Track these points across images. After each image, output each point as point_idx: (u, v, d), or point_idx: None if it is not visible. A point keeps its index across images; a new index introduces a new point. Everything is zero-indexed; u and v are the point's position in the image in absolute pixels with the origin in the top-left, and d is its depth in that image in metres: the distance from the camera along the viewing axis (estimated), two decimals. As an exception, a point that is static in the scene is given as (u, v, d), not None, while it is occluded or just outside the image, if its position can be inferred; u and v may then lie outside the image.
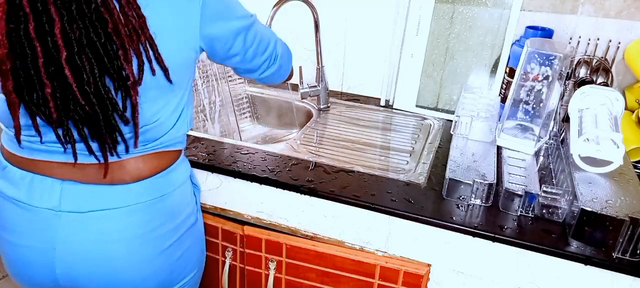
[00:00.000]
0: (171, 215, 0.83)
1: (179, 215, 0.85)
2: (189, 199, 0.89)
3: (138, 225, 0.79)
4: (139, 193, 0.79)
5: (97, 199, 0.76)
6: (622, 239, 0.77)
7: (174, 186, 0.84)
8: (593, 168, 0.91)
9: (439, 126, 1.25)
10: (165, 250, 0.83)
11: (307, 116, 1.38)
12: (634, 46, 1.13)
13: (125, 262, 0.79)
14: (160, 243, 0.82)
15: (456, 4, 1.21)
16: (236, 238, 1.05)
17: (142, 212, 0.79)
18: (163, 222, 0.82)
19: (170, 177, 0.83)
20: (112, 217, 0.77)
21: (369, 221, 0.93)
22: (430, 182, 0.98)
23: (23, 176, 0.76)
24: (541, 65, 1.01)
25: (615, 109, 0.97)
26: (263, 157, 1.06)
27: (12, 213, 0.78)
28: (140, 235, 0.79)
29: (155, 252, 0.81)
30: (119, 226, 0.78)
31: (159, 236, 0.82)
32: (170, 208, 0.83)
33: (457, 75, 1.27)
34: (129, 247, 0.79)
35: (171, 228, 0.83)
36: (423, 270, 0.93)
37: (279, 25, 1.33)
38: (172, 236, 0.84)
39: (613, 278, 0.80)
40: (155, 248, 0.81)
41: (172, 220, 0.83)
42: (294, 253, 1.01)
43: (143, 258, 0.80)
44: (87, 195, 0.76)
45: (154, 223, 0.81)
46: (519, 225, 0.85)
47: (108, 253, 0.78)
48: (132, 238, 0.79)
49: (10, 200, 0.78)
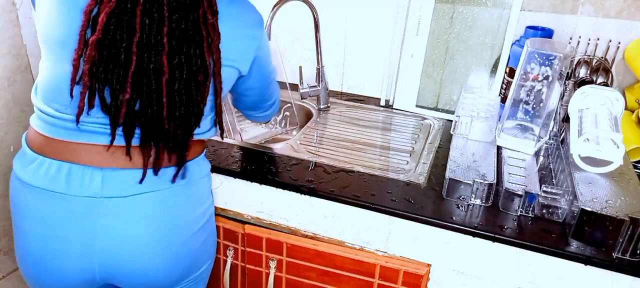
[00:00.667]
0: (200, 200, 0.87)
1: (205, 202, 0.88)
2: (210, 189, 0.92)
3: (176, 206, 0.82)
4: (201, 168, 0.85)
5: (138, 183, 0.78)
6: (622, 239, 0.77)
7: (202, 173, 0.87)
8: (593, 168, 0.91)
9: (439, 126, 1.25)
10: (194, 234, 0.85)
11: (307, 116, 1.38)
12: (634, 46, 1.13)
13: (163, 244, 0.81)
14: (192, 227, 0.85)
15: (456, 4, 1.21)
16: (237, 237, 1.06)
17: (180, 194, 0.82)
18: (194, 207, 0.85)
19: (199, 164, 0.86)
20: (153, 199, 0.79)
21: (369, 221, 0.93)
22: (430, 182, 0.98)
23: (59, 167, 0.76)
24: (541, 65, 1.01)
25: (615, 109, 0.97)
26: (263, 157, 1.06)
27: (45, 205, 0.77)
28: (180, 216, 0.82)
29: (188, 234, 0.84)
30: (160, 207, 0.80)
31: (192, 220, 0.85)
32: (200, 193, 0.87)
33: (457, 75, 1.27)
34: (169, 228, 0.81)
35: (199, 214, 0.86)
36: (423, 270, 0.93)
37: (279, 25, 1.33)
38: (200, 221, 0.87)
39: (613, 278, 0.80)
40: (188, 230, 0.84)
41: (200, 206, 0.87)
42: (295, 253, 1.01)
43: (178, 240, 0.83)
44: (128, 179, 0.77)
45: (189, 206, 0.84)
46: (519, 225, 0.85)
47: (150, 235, 0.79)
48: (171, 219, 0.81)
49: (44, 192, 0.76)
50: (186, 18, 0.72)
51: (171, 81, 0.72)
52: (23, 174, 0.78)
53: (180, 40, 0.72)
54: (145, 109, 0.72)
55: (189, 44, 0.72)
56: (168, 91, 0.72)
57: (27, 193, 0.78)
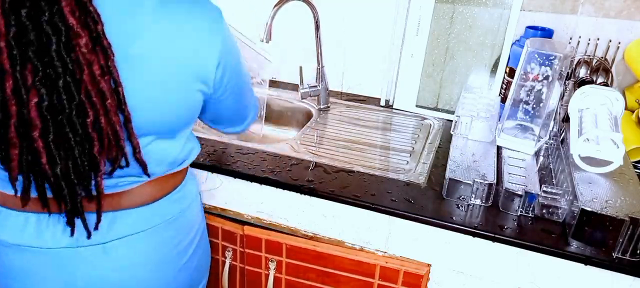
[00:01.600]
0: (188, 229, 0.82)
1: (194, 227, 0.84)
2: (200, 208, 0.88)
3: (160, 245, 0.76)
4: (157, 214, 0.76)
5: (117, 227, 0.72)
6: (622, 239, 0.77)
7: (188, 201, 0.82)
8: (593, 168, 0.91)
9: (439, 126, 1.25)
10: (186, 263, 0.82)
11: (307, 116, 1.37)
12: (634, 46, 1.13)
13: (151, 284, 0.77)
14: (181, 258, 0.81)
15: (456, 4, 1.21)
16: (236, 238, 1.05)
17: (162, 233, 0.76)
18: (182, 238, 0.80)
19: (185, 190, 0.81)
20: (133, 243, 0.73)
21: (369, 221, 0.93)
22: (430, 182, 0.98)
23: (27, 218, 0.70)
24: (541, 65, 1.01)
25: (615, 109, 0.97)
26: (263, 157, 1.06)
27: (20, 261, 0.71)
28: (165, 254, 0.77)
29: (178, 267, 0.80)
30: (143, 249, 0.75)
31: (179, 253, 0.80)
32: (187, 223, 0.81)
33: (457, 75, 1.27)
34: (154, 269, 0.76)
35: (188, 242, 0.82)
36: (423, 270, 0.93)
37: (279, 25, 1.33)
38: (190, 249, 0.83)
39: (613, 278, 0.80)
40: (178, 263, 0.80)
41: (188, 234, 0.82)
42: (294, 253, 1.01)
43: (167, 276, 0.78)
44: (104, 224, 0.71)
45: (174, 241, 0.79)
46: (519, 225, 0.85)
47: (133, 279, 0.75)
48: (157, 259, 0.76)
49: (14, 248, 0.70)
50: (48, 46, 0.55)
51: (44, 133, 0.59)
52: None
53: (48, 79, 0.56)
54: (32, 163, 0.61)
55: (58, 78, 0.57)
56: (45, 145, 0.59)
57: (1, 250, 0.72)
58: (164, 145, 0.72)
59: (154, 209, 0.75)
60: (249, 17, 1.42)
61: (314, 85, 1.34)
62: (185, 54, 0.66)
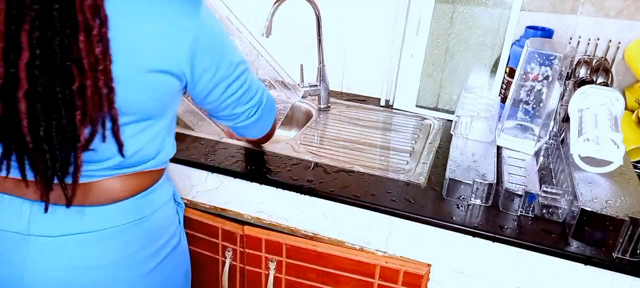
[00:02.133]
0: (152, 237, 0.78)
1: (161, 238, 0.79)
2: (172, 219, 0.83)
3: (116, 250, 0.73)
4: (117, 215, 0.73)
5: (70, 222, 0.70)
6: (622, 239, 0.77)
7: (154, 207, 0.78)
8: (593, 168, 0.91)
9: (439, 126, 1.25)
10: (146, 275, 0.77)
11: (307, 116, 1.37)
12: (634, 46, 1.13)
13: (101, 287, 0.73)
14: (140, 269, 0.76)
15: (456, 4, 1.21)
16: (236, 238, 1.05)
17: (119, 236, 0.73)
18: (143, 246, 0.76)
19: (151, 197, 0.77)
20: (87, 242, 0.71)
21: (369, 221, 0.93)
22: (430, 182, 0.98)
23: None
24: (541, 65, 1.01)
25: (615, 109, 0.97)
26: (263, 157, 1.06)
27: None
28: (118, 261, 0.73)
29: (135, 277, 0.76)
30: (95, 252, 0.72)
31: (139, 261, 0.76)
32: (150, 230, 0.77)
33: (457, 75, 1.27)
34: (106, 274, 0.73)
35: (152, 252, 0.78)
36: (423, 270, 0.93)
37: (280, 24, 1.33)
38: (154, 260, 0.78)
39: (613, 279, 0.80)
40: (135, 273, 0.76)
41: (153, 243, 0.78)
42: (294, 253, 1.01)
43: (121, 283, 0.74)
44: (59, 218, 0.69)
45: (133, 248, 0.75)
46: (519, 225, 0.85)
47: (83, 281, 0.71)
48: (109, 264, 0.73)
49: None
50: (50, 5, 0.56)
51: (31, 93, 0.58)
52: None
53: (43, 37, 0.57)
54: (6, 130, 0.61)
55: (55, 39, 0.57)
56: (28, 106, 0.59)
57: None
58: (136, 130, 0.70)
59: (116, 209, 0.73)
60: (249, 12, 1.43)
61: (314, 84, 1.34)
62: (155, 36, 0.65)
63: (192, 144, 1.10)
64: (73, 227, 0.70)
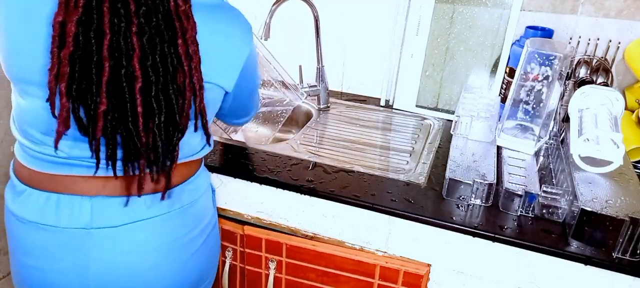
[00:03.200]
0: (199, 219, 0.84)
1: (205, 218, 0.86)
2: (211, 203, 0.90)
3: (171, 232, 0.79)
4: (170, 201, 0.78)
5: (129, 211, 0.75)
6: (622, 239, 0.77)
7: (200, 192, 0.84)
8: (593, 168, 0.91)
9: (439, 126, 1.25)
10: (194, 252, 0.83)
11: (307, 116, 1.37)
12: (634, 46, 1.13)
13: (160, 270, 0.79)
14: (191, 247, 0.83)
15: (456, 4, 1.21)
16: (236, 238, 1.05)
17: (174, 219, 0.79)
18: (193, 227, 0.83)
19: (196, 183, 0.83)
20: (145, 228, 0.77)
21: (369, 221, 0.93)
22: (430, 182, 0.98)
23: (48, 198, 0.74)
24: (541, 65, 1.01)
25: (615, 108, 0.97)
26: (263, 157, 1.06)
27: (39, 239, 0.75)
28: (174, 241, 0.80)
29: (187, 255, 0.82)
30: (154, 235, 0.77)
31: (190, 241, 0.82)
32: (198, 213, 0.84)
33: (457, 75, 1.27)
34: (164, 255, 0.79)
35: (199, 232, 0.84)
36: (423, 270, 0.93)
37: (279, 24, 1.33)
38: (200, 239, 0.85)
39: (613, 279, 0.80)
40: (187, 252, 0.82)
41: (199, 224, 0.84)
42: (294, 253, 1.01)
43: (176, 263, 0.81)
44: (118, 208, 0.74)
45: (186, 229, 0.81)
46: (519, 225, 0.85)
47: (144, 263, 0.78)
48: (166, 245, 0.79)
49: (35, 225, 0.74)
50: (156, 10, 0.63)
51: (145, 88, 0.65)
52: (13, 206, 0.76)
53: (152, 38, 0.64)
54: (121, 122, 0.66)
55: (162, 40, 0.65)
56: (143, 100, 0.65)
57: (19, 225, 0.76)
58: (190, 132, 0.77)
59: (170, 195, 0.78)
60: (248, 15, 1.42)
61: (314, 85, 1.34)
62: (218, 53, 0.73)
63: (192, 144, 1.10)
64: (132, 215, 0.75)
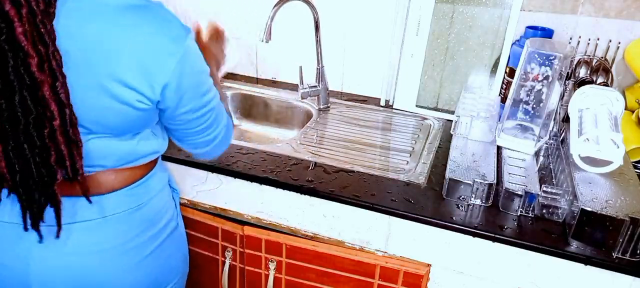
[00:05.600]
0: (150, 222, 0.81)
1: (158, 222, 0.83)
2: (168, 205, 0.87)
3: (116, 235, 0.77)
4: (115, 203, 0.76)
5: (72, 212, 0.73)
6: (622, 239, 0.77)
7: (151, 194, 0.81)
8: (593, 168, 0.91)
9: (439, 126, 1.25)
10: (145, 258, 0.81)
11: (307, 116, 1.37)
12: (634, 46, 1.13)
13: (105, 274, 0.77)
14: (140, 252, 0.80)
15: (456, 4, 1.21)
16: (236, 239, 1.05)
17: (119, 223, 0.77)
18: (142, 231, 0.80)
19: (147, 185, 0.81)
20: (88, 229, 0.75)
21: (369, 221, 0.93)
22: (430, 182, 0.98)
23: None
24: (541, 65, 1.01)
25: (615, 108, 0.97)
26: (263, 157, 1.06)
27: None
28: (119, 246, 0.77)
29: (135, 261, 0.79)
30: (97, 238, 0.75)
31: (138, 245, 0.79)
32: (148, 216, 0.81)
33: (457, 75, 1.27)
34: (108, 259, 0.77)
35: (150, 236, 0.81)
36: (423, 270, 0.93)
37: (279, 25, 1.33)
38: (152, 243, 0.82)
39: (613, 278, 0.80)
40: (135, 257, 0.79)
41: (151, 228, 0.81)
42: (294, 254, 1.01)
43: (123, 268, 0.78)
44: (63, 207, 0.71)
45: (132, 233, 0.79)
46: (519, 225, 0.85)
47: (86, 266, 0.75)
48: (111, 249, 0.76)
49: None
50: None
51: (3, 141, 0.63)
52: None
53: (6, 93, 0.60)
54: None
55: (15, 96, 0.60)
56: (4, 154, 0.64)
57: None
58: (108, 143, 0.73)
59: (113, 198, 0.76)
60: (249, 17, 1.43)
61: (314, 85, 1.34)
62: (131, 63, 0.65)
63: (192, 144, 1.10)
64: (75, 215, 0.74)
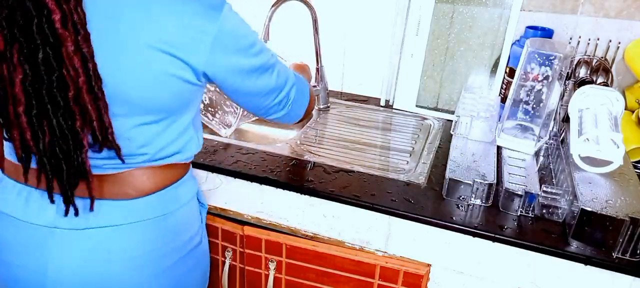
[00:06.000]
0: (176, 233, 0.78)
1: (184, 234, 0.80)
2: (195, 218, 0.84)
3: (140, 244, 0.74)
4: (143, 209, 0.74)
5: (96, 215, 0.71)
6: (622, 239, 0.77)
7: (180, 203, 0.79)
8: (593, 168, 0.91)
9: (439, 126, 1.25)
10: (165, 270, 0.78)
11: (307, 116, 1.38)
12: (633, 46, 1.13)
13: (123, 284, 0.74)
14: (162, 263, 0.77)
15: (456, 4, 1.21)
16: (236, 239, 1.05)
17: (145, 231, 0.74)
18: (166, 242, 0.77)
19: (176, 192, 0.78)
20: (111, 236, 0.72)
21: (369, 221, 0.93)
22: (430, 182, 0.98)
23: (20, 190, 0.72)
24: (541, 65, 1.01)
25: (615, 108, 0.97)
26: (263, 157, 1.06)
27: (8, 231, 0.73)
28: (141, 256, 0.74)
29: (156, 272, 0.76)
30: (119, 245, 0.73)
31: (161, 256, 0.77)
32: (174, 226, 0.78)
33: (457, 75, 1.27)
34: (128, 268, 0.74)
35: (174, 248, 0.78)
36: (423, 270, 0.93)
37: (278, 25, 1.33)
38: (175, 256, 0.79)
39: (613, 279, 0.80)
40: (156, 268, 0.76)
41: (175, 240, 0.78)
42: (294, 254, 1.01)
43: (142, 279, 0.75)
44: (86, 210, 0.70)
45: (157, 243, 0.76)
46: (519, 225, 0.85)
47: (105, 274, 0.72)
48: (133, 258, 0.73)
49: (6, 216, 0.73)
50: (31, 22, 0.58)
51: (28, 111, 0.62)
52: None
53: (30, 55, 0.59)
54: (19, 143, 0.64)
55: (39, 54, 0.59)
56: (28, 122, 0.62)
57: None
58: (151, 130, 0.71)
59: (142, 203, 0.74)
60: (248, 18, 1.42)
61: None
62: (171, 37, 0.64)
63: (192, 144, 1.10)
64: (99, 220, 0.71)
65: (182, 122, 0.74)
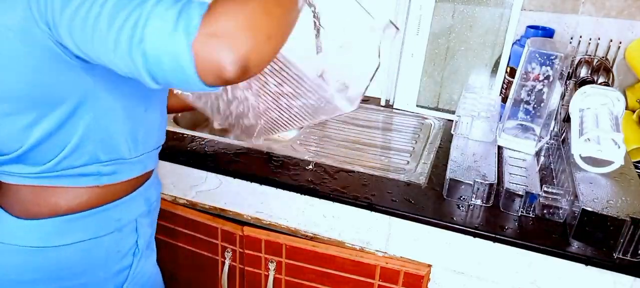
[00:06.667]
0: (58, 277, 0.63)
1: (71, 279, 0.64)
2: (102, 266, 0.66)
3: (13, 271, 0.62)
4: (25, 234, 0.61)
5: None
6: (623, 239, 0.77)
7: (70, 240, 0.62)
8: (594, 168, 0.91)
9: (440, 126, 1.25)
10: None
11: (307, 116, 1.37)
12: (634, 46, 1.12)
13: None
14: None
15: (457, 3, 1.21)
16: (235, 239, 1.05)
17: (21, 257, 0.61)
18: (45, 281, 0.63)
19: (76, 225, 0.62)
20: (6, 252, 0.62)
21: (369, 221, 0.93)
22: (431, 182, 0.98)
23: None
24: (542, 64, 1.00)
25: (616, 108, 0.97)
26: (263, 157, 1.05)
27: None
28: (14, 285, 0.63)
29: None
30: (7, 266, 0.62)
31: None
32: (58, 266, 0.63)
33: (458, 75, 1.27)
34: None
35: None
36: (423, 271, 0.92)
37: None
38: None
39: (614, 279, 0.80)
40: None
41: (56, 282, 0.63)
42: (294, 254, 1.01)
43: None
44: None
45: (32, 277, 0.62)
46: (520, 225, 0.85)
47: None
48: (5, 284, 0.62)
49: None
50: None
51: None
52: None
53: None
54: None
55: None
56: None
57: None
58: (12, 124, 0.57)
59: (21, 227, 0.61)
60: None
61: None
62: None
63: (192, 142, 1.10)
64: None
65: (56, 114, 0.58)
